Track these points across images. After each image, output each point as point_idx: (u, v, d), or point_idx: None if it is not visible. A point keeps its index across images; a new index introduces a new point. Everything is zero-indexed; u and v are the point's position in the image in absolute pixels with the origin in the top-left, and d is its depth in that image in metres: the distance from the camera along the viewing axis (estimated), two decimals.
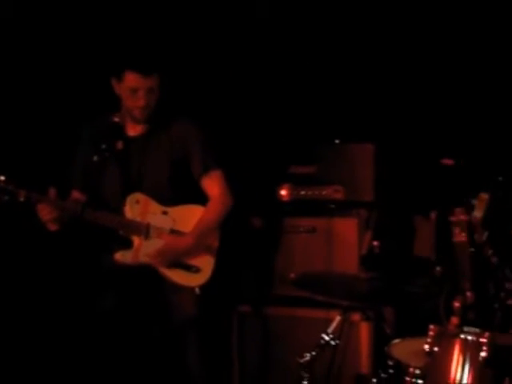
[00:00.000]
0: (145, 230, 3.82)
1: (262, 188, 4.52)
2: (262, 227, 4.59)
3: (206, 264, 3.86)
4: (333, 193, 4.47)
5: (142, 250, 3.80)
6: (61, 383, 4.27)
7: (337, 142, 4.58)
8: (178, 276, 3.83)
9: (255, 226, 4.59)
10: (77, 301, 4.25)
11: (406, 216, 4.45)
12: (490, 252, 2.13)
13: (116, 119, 3.82)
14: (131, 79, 3.75)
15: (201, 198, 3.93)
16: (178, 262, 3.82)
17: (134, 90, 3.76)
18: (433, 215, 4.06)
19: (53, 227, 3.72)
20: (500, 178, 2.33)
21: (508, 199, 2.22)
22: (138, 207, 3.83)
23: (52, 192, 3.69)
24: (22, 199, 3.65)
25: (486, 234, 2.06)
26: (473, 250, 2.11)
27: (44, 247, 4.14)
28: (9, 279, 4.21)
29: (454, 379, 2.94)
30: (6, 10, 4.21)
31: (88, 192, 3.94)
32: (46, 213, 3.69)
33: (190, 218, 3.86)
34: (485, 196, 2.11)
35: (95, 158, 3.78)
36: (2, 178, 3.64)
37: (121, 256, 3.82)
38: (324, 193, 4.50)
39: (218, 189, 3.92)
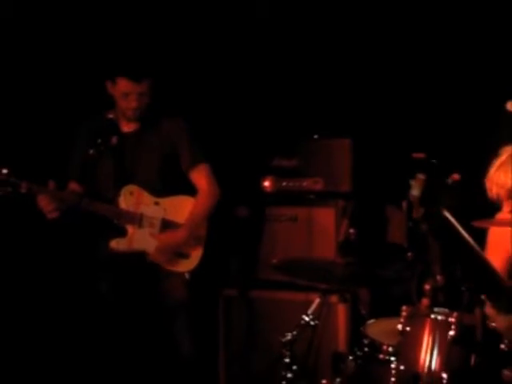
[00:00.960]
0: (138, 220, 3.83)
1: (246, 180, 4.52)
2: (247, 216, 4.60)
3: (194, 251, 3.88)
4: (312, 184, 4.48)
5: (136, 238, 3.81)
6: (59, 363, 4.26)
7: (316, 137, 4.59)
8: (170, 262, 3.84)
9: (241, 215, 4.60)
10: (75, 285, 4.25)
11: (379, 205, 4.47)
12: (426, 227, 2.16)
13: (110, 116, 3.83)
14: (123, 84, 3.78)
15: (189, 189, 3.94)
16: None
17: (126, 94, 3.78)
18: (404, 205, 4.07)
19: (51, 216, 3.72)
20: (434, 161, 2.35)
21: (440, 179, 2.25)
22: (131, 198, 3.84)
23: (51, 184, 3.70)
24: (23, 190, 3.66)
25: (422, 211, 2.09)
26: (411, 224, 2.14)
27: (43, 235, 4.12)
28: (11, 266, 4.20)
29: (425, 356, 2.96)
30: (6, 10, 4.17)
31: (84, 183, 3.94)
32: (45, 203, 3.70)
33: (179, 207, 3.88)
34: (421, 176, 2.14)
35: (91, 152, 3.79)
36: (5, 171, 3.65)
37: (116, 244, 3.83)
38: (304, 184, 4.51)
39: (205, 181, 3.93)
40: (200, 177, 3.93)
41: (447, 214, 2.09)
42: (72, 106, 4.26)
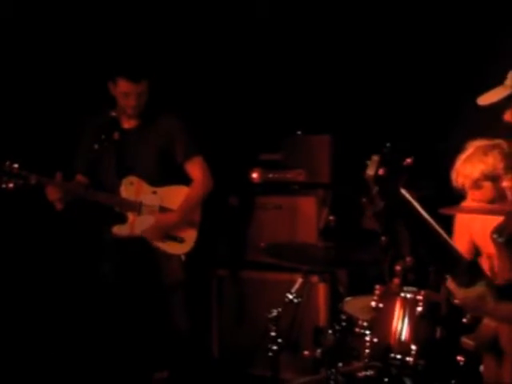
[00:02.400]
0: (138, 207, 3.83)
1: (237, 172, 4.53)
2: (237, 204, 4.61)
3: (189, 235, 3.88)
4: (296, 176, 4.49)
5: (136, 224, 3.82)
6: (62, 338, 4.25)
7: (299, 133, 4.60)
8: (167, 246, 3.85)
9: (232, 204, 4.61)
10: (81, 267, 4.25)
11: (356, 195, 4.47)
12: (381, 203, 2.17)
13: (113, 114, 3.82)
14: (123, 85, 3.76)
15: (184, 180, 3.95)
16: (168, 235, 3.84)
17: (125, 93, 3.77)
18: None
19: (59, 206, 3.72)
20: (388, 144, 2.35)
21: (395, 161, 2.26)
22: (131, 188, 3.84)
23: (58, 176, 3.69)
24: (33, 182, 3.65)
25: (376, 189, 2.10)
26: (366, 200, 2.15)
27: (52, 223, 4.12)
28: (23, 250, 4.19)
29: (396, 330, 2.98)
30: (6, 10, 4.10)
31: (89, 175, 3.94)
32: (53, 193, 3.69)
33: (175, 196, 3.88)
34: (376, 157, 2.16)
35: (96, 147, 3.79)
36: (16, 165, 3.64)
37: (118, 229, 3.83)
38: (288, 176, 4.53)
39: (199, 172, 3.92)
40: (194, 168, 3.93)
41: (403, 192, 2.10)
42: (76, 105, 4.21)
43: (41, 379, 4.03)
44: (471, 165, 3.22)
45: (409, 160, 3.59)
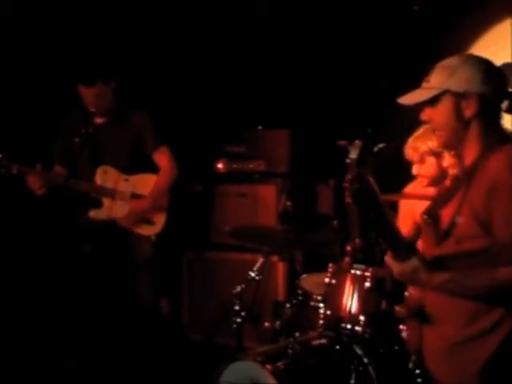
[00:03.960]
0: (112, 194, 3.82)
1: (203, 162, 4.52)
2: (202, 191, 4.61)
3: (159, 218, 3.87)
4: (257, 166, 4.50)
5: (111, 209, 3.81)
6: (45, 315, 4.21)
7: (260, 128, 4.61)
8: (139, 228, 3.84)
9: (197, 191, 4.61)
10: (60, 248, 4.21)
11: (311, 183, 4.51)
12: (356, 186, 2.18)
13: (93, 110, 3.80)
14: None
15: (152, 168, 3.93)
16: (140, 219, 3.84)
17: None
18: (331, 183, 4.11)
19: (39, 193, 3.70)
20: (369, 130, 2.37)
21: (373, 146, 2.28)
22: (105, 176, 3.82)
23: (38, 166, 3.68)
24: (14, 171, 3.63)
25: (356, 170, 2.12)
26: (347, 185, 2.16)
27: (33, 209, 4.07)
28: (6, 234, 4.16)
29: (346, 303, 2.99)
30: (6, 10, 4.04)
31: (66, 165, 3.91)
32: (33, 182, 3.68)
33: (145, 183, 3.87)
34: (358, 142, 2.18)
35: (76, 140, 3.76)
36: (0, 155, 3.60)
37: (94, 213, 3.83)
38: (250, 166, 4.53)
39: (166, 161, 3.91)
40: (161, 157, 3.91)
41: (368, 176, 2.13)
42: (54, 101, 4.17)
43: (22, 352, 3.98)
44: (421, 140, 3.30)
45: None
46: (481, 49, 4.09)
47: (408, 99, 2.15)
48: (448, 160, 3.26)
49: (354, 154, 2.09)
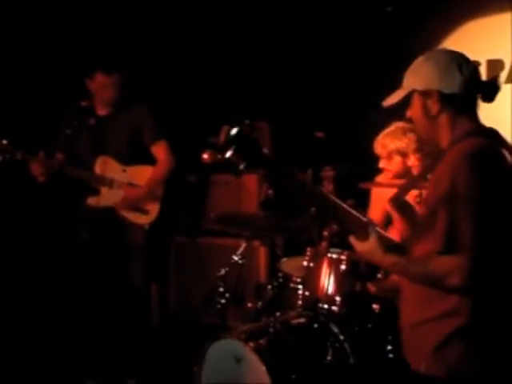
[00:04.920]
0: (109, 183, 3.80)
1: (195, 154, 4.50)
2: (196, 182, 4.61)
3: (153, 208, 3.84)
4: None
5: (108, 197, 3.79)
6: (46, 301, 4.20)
7: None
8: (133, 216, 3.82)
9: (191, 181, 4.61)
10: (60, 234, 4.19)
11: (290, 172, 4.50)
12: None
13: (83, 103, 3.78)
14: (96, 78, 3.75)
15: (150, 160, 3.90)
16: (135, 207, 3.81)
17: (103, 86, 3.75)
18: (309, 172, 4.13)
19: (41, 179, 3.68)
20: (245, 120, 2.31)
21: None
22: (104, 166, 3.80)
23: (41, 154, 3.65)
24: (18, 158, 3.61)
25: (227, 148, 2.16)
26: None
27: (35, 194, 4.04)
28: (7, 217, 4.14)
29: (323, 284, 3.04)
30: (6, 10, 3.98)
31: (67, 154, 3.89)
32: (36, 168, 3.65)
33: (142, 174, 3.84)
34: (225, 127, 2.20)
35: (68, 131, 3.75)
36: (5, 141, 3.59)
37: (91, 201, 3.80)
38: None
39: (163, 154, 3.87)
40: (159, 150, 3.88)
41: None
42: (57, 94, 4.14)
43: (18, 339, 3.97)
44: (390, 139, 3.33)
45: (319, 134, 3.65)
46: (452, 46, 4.12)
47: (388, 101, 2.17)
48: (413, 161, 3.31)
49: (222, 138, 2.13)
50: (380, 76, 4.16)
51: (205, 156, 4.42)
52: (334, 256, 3.06)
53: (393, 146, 3.30)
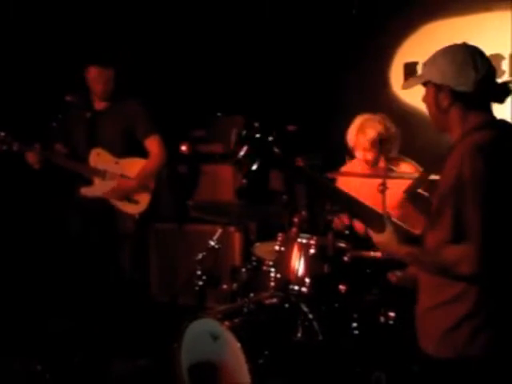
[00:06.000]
0: (102, 174, 3.76)
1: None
2: (186, 172, 4.59)
3: (144, 198, 3.80)
4: (216, 148, 4.51)
5: (100, 188, 3.76)
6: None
7: (219, 114, 4.59)
8: (124, 206, 3.78)
9: (181, 172, 4.59)
10: (53, 222, 4.15)
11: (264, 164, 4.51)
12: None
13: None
14: (91, 71, 3.71)
15: (143, 153, 3.86)
16: (126, 197, 3.80)
17: (95, 78, 3.71)
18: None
19: (36, 167, 3.66)
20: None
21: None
22: (98, 158, 3.76)
23: (37, 146, 3.63)
24: (15, 149, 3.58)
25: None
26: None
27: (30, 183, 4.02)
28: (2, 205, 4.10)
29: (294, 267, 3.05)
30: (6, 10, 3.91)
31: (64, 144, 3.85)
32: (32, 158, 3.63)
33: (135, 166, 3.79)
34: (235, 130, 2.21)
35: (54, 125, 3.72)
36: (3, 133, 3.56)
37: (85, 191, 3.77)
38: (211, 148, 4.54)
39: (156, 148, 3.83)
40: (152, 144, 3.83)
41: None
42: (55, 88, 4.07)
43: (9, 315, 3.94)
44: (356, 133, 3.32)
45: (291, 127, 3.66)
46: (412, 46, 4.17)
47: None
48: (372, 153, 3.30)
49: (233, 139, 2.13)
50: (346, 73, 4.20)
51: (183, 148, 4.46)
52: (304, 241, 3.07)
53: (373, 134, 3.26)
